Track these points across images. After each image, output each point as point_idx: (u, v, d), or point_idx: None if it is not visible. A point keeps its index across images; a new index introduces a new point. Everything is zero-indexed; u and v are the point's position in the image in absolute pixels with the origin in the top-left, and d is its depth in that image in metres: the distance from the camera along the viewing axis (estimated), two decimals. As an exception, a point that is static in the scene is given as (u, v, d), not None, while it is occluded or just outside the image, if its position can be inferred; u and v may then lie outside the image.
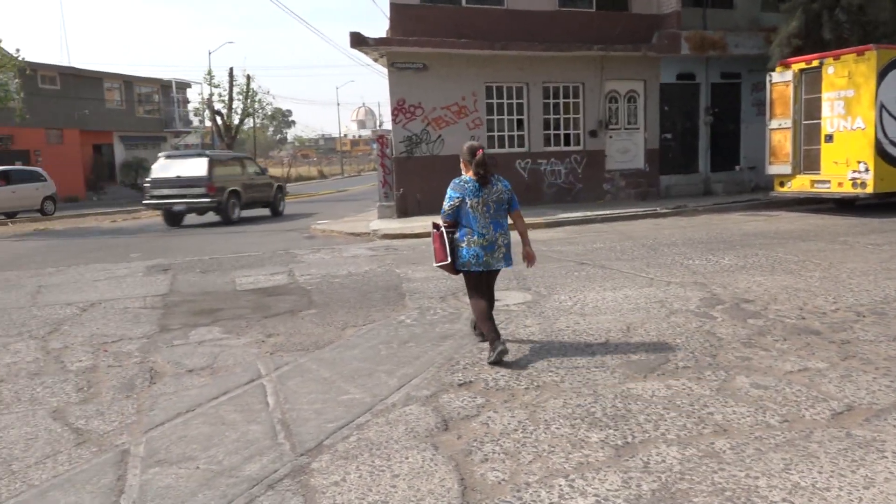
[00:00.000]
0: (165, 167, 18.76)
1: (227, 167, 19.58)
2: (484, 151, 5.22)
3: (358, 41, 15.49)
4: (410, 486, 3.24)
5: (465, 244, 5.22)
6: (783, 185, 14.55)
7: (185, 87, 46.45)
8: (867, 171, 12.83)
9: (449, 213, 5.24)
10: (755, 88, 18.51)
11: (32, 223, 22.76)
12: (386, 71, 16.76)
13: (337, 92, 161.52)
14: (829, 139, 13.53)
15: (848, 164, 13.14)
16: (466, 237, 5.22)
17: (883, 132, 12.82)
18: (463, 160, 5.30)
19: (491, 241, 5.20)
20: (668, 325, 5.88)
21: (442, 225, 5.31)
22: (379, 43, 15.80)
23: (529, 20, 17.00)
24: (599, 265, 8.99)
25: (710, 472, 3.24)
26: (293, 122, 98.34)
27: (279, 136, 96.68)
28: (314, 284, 8.62)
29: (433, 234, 5.42)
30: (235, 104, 32.76)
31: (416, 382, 4.70)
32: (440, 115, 16.56)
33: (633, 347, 5.28)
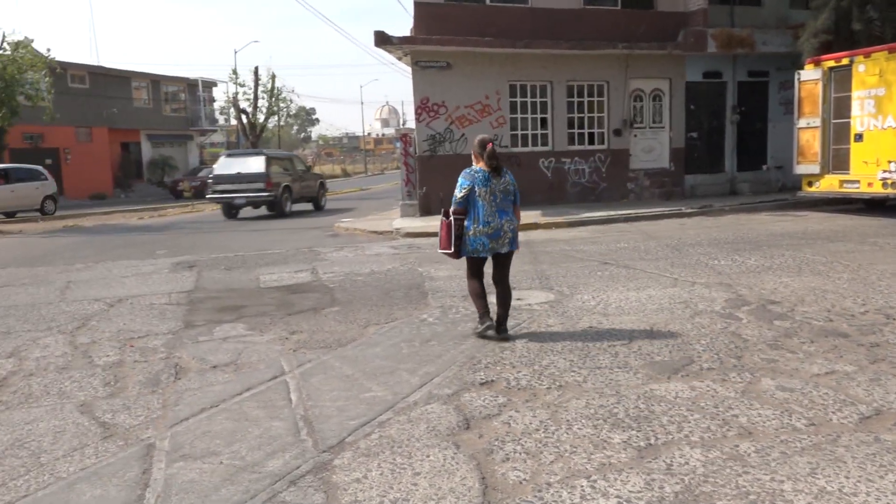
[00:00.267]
0: (227, 165, 20.34)
1: (280, 165, 21.03)
2: (494, 144, 5.64)
3: (382, 40, 15.53)
4: (431, 484, 3.25)
5: (471, 233, 5.62)
6: (811, 184, 14.32)
7: (211, 85, 46.93)
8: (898, 170, 12.59)
9: (460, 200, 5.65)
10: (783, 87, 18.25)
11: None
12: (410, 70, 16.79)
13: (361, 90, 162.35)
14: (858, 138, 13.29)
15: (878, 163, 12.90)
16: (473, 226, 5.62)
17: (915, 131, 12.57)
18: (474, 152, 5.76)
19: (496, 228, 5.61)
20: (692, 325, 5.83)
21: (452, 214, 5.69)
22: (403, 42, 15.82)
23: (553, 18, 16.92)
24: (623, 265, 8.93)
25: (734, 475, 3.20)
26: (317, 120, 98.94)
27: (303, 134, 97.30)
28: (337, 282, 8.66)
29: (442, 221, 5.79)
30: (260, 103, 33.03)
31: (437, 381, 4.71)
32: (463, 113, 16.54)
33: (656, 348, 5.24)
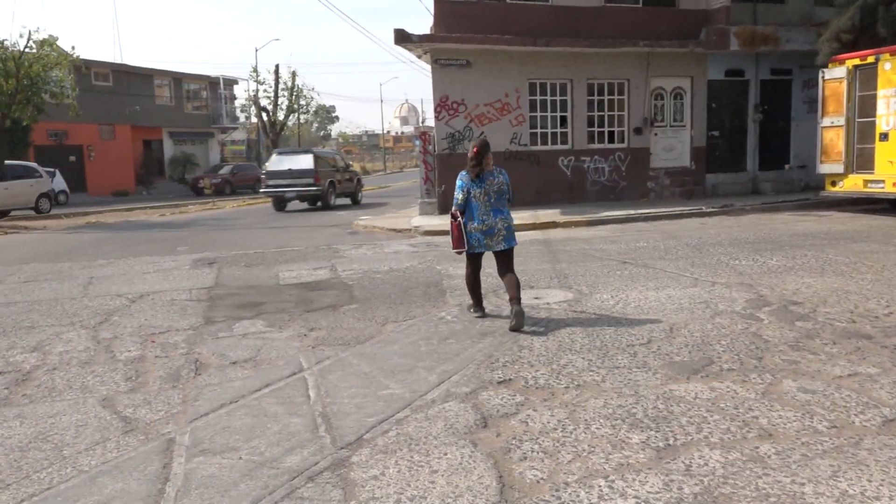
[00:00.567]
0: (278, 162, 22.22)
1: (326, 162, 22.99)
2: (478, 149, 6.02)
3: (402, 38, 15.56)
4: (449, 482, 3.25)
5: (468, 229, 6.09)
6: (835, 184, 14.15)
7: (232, 83, 47.28)
8: (924, 170, 12.40)
9: (461, 203, 6.11)
10: (806, 85, 18.04)
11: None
12: (429, 68, 16.80)
13: (380, 88, 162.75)
14: (883, 137, 13.10)
15: (904, 163, 12.72)
16: (469, 223, 6.09)
17: (942, 130, 12.37)
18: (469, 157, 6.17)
19: (490, 226, 6.04)
20: (712, 326, 5.78)
21: (458, 214, 6.12)
22: (423, 39, 15.84)
23: (574, 16, 16.84)
24: (642, 264, 8.87)
25: (754, 476, 3.17)
26: (337, 118, 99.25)
27: (323, 132, 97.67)
28: (356, 280, 8.69)
29: (452, 223, 6.21)
30: (281, 100, 33.20)
31: (455, 379, 4.71)
32: (483, 111, 16.53)
33: (676, 348, 5.20)
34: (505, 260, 6.13)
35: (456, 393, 4.44)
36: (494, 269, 6.36)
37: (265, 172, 22.54)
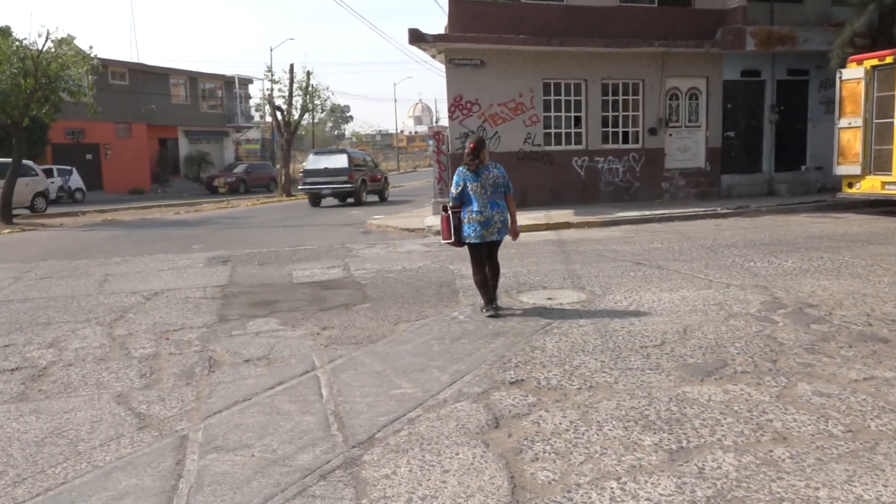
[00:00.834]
0: (315, 161, 23.90)
1: (358, 162, 24.29)
2: (475, 145, 6.41)
3: (416, 37, 15.57)
4: (460, 482, 3.25)
5: (466, 221, 6.41)
6: (852, 186, 14.02)
7: (247, 83, 47.49)
8: (943, 172, 12.26)
9: (455, 196, 6.46)
10: (824, 85, 17.87)
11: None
12: (443, 67, 16.81)
13: (394, 88, 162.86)
14: (902, 139, 12.96)
15: (922, 165, 12.58)
16: (468, 215, 6.41)
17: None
18: (466, 153, 6.55)
19: (488, 217, 6.36)
20: (726, 328, 5.75)
21: (450, 208, 6.49)
22: (437, 39, 15.84)
23: (588, 16, 16.79)
24: (656, 265, 8.83)
25: (767, 480, 3.15)
26: (351, 117, 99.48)
27: (337, 131, 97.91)
28: (369, 279, 8.71)
29: (441, 216, 6.63)
30: (295, 100, 33.27)
31: (467, 379, 4.71)
32: (497, 111, 16.51)
33: (689, 350, 5.17)
34: (492, 249, 6.61)
35: (468, 393, 4.44)
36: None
37: (303, 171, 24.04)
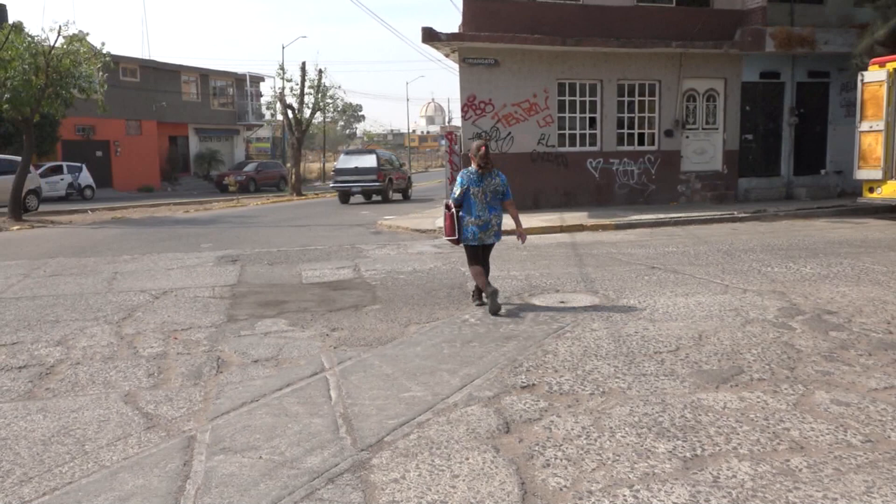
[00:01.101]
0: (346, 161, 25.59)
1: (385, 161, 25.87)
2: (486, 148, 6.81)
3: (430, 36, 15.59)
4: (470, 487, 3.25)
5: (465, 223, 6.79)
6: (872, 190, 13.90)
7: (258, 80, 47.71)
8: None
9: (458, 197, 6.80)
10: (845, 88, 17.76)
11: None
12: (457, 67, 16.81)
13: (407, 87, 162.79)
14: (925, 143, 12.85)
15: (945, 170, 12.46)
16: (467, 218, 6.79)
17: None
18: (471, 155, 6.92)
19: (486, 221, 6.77)
20: (743, 334, 5.71)
21: (452, 206, 6.82)
22: (451, 38, 15.85)
23: (605, 15, 16.76)
24: (671, 269, 8.79)
25: (784, 490, 3.13)
26: (363, 116, 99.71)
27: (348, 130, 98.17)
28: (379, 280, 8.72)
29: (445, 213, 6.98)
30: (307, 98, 33.39)
31: (478, 383, 4.70)
32: (510, 111, 16.50)
33: (704, 356, 5.14)
34: (487, 251, 7.06)
35: (478, 397, 4.43)
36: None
37: (334, 170, 25.98)
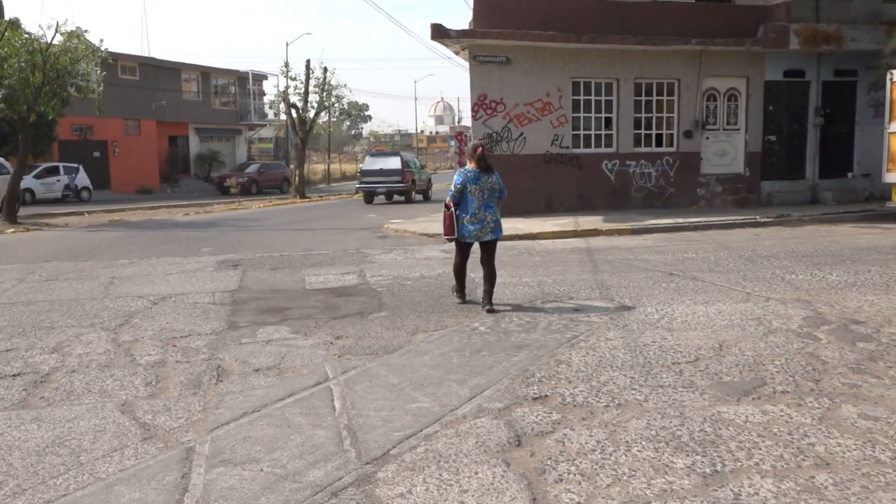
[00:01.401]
0: (372, 163, 27.63)
1: (408, 163, 27.90)
2: (483, 148, 7.33)
3: (439, 33, 15.61)
4: (479, 502, 3.24)
5: (461, 222, 7.22)
6: (902, 194, 13.82)
7: (261, 79, 47.85)
8: None
9: (455, 195, 7.24)
10: (873, 87, 17.67)
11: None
12: (467, 65, 16.83)
13: (415, 86, 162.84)
14: (957, 145, 12.77)
15: (979, 173, 12.38)
16: (463, 216, 7.22)
17: None
18: (468, 155, 7.41)
19: (481, 219, 7.22)
20: (765, 344, 5.68)
21: (451, 205, 7.22)
22: (461, 35, 15.86)
23: (621, 11, 16.73)
24: (690, 276, 8.76)
25: (809, 508, 3.10)
26: (369, 116, 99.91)
27: (354, 131, 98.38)
28: (385, 286, 8.73)
29: (445, 213, 7.38)
30: (311, 97, 33.49)
31: (488, 394, 4.69)
32: (522, 111, 16.49)
33: (725, 367, 5.12)
34: (489, 250, 7.36)
35: (488, 408, 4.42)
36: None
37: (360, 171, 27.98)
